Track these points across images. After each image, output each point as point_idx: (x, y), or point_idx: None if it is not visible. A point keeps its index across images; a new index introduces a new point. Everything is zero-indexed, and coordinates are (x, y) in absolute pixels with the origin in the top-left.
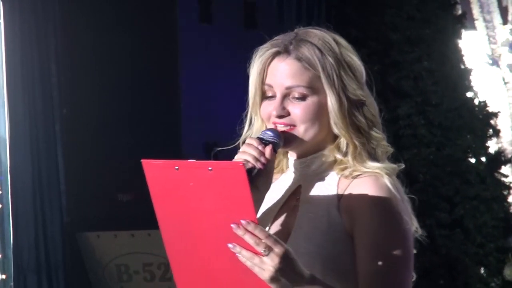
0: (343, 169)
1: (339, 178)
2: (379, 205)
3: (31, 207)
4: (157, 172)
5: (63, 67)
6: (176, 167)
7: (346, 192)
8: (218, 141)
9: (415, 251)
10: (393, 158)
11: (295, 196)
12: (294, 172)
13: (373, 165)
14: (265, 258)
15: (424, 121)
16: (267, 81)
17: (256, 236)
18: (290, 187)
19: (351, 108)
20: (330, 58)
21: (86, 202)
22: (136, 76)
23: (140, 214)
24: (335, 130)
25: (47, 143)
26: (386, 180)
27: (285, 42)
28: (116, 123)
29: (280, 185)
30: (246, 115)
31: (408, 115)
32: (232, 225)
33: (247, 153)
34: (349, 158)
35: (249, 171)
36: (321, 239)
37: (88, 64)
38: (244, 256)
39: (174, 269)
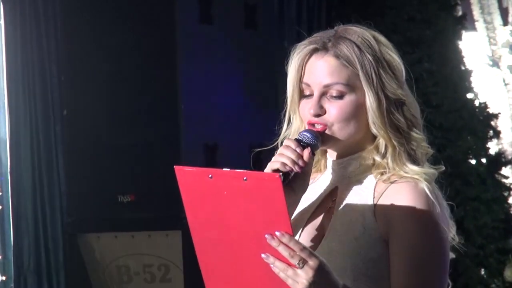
0: (381, 173)
1: (377, 182)
2: (416, 214)
3: (31, 208)
4: (190, 179)
5: (63, 68)
6: (210, 175)
7: (383, 197)
8: (218, 142)
9: (453, 256)
10: (433, 159)
11: (331, 197)
12: (332, 173)
13: (412, 169)
14: (299, 271)
15: (425, 123)
16: (305, 79)
17: (291, 248)
18: (326, 188)
19: (389, 107)
20: (369, 56)
21: (87, 203)
22: (136, 77)
23: (141, 216)
24: (373, 130)
25: (47, 144)
26: (425, 187)
27: (323, 39)
28: (116, 124)
29: (318, 185)
30: (284, 115)
31: None
32: (267, 236)
33: (285, 155)
34: (388, 160)
35: (287, 174)
36: (354, 243)
37: (89, 65)
38: (277, 267)
39: (205, 277)
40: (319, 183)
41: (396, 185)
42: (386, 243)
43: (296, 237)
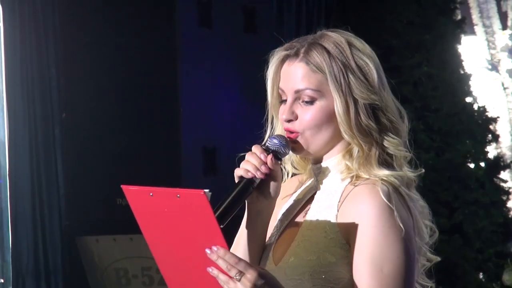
0: (351, 177)
1: (345, 186)
2: (371, 216)
3: (30, 211)
4: (136, 197)
5: (62, 71)
6: (151, 194)
7: (346, 201)
8: (217, 145)
9: (438, 258)
10: (414, 163)
11: (310, 202)
12: (313, 178)
13: (377, 172)
14: (238, 283)
15: (424, 126)
16: (280, 85)
17: (227, 262)
18: (308, 192)
19: (359, 111)
20: (338, 61)
21: (85, 206)
22: (135, 81)
23: None
24: (344, 135)
25: (46, 146)
26: (379, 189)
27: (298, 45)
28: (116, 127)
29: (304, 190)
30: (266, 119)
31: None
32: (206, 251)
33: (249, 162)
34: (355, 163)
35: (251, 181)
36: (315, 248)
37: (88, 68)
38: (221, 280)
39: (169, 285)
40: (305, 188)
41: (357, 188)
42: (349, 246)
43: (273, 242)
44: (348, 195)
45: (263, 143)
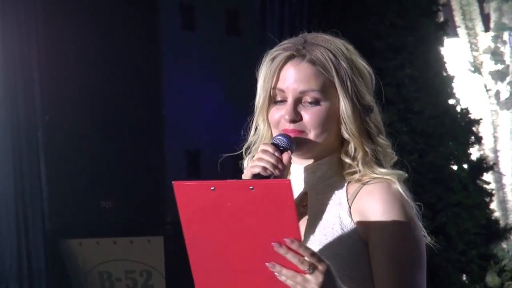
0: (352, 174)
1: (348, 184)
2: (393, 212)
3: (13, 214)
4: (190, 193)
5: (45, 74)
6: (213, 188)
7: (357, 198)
8: (200, 148)
9: None
10: (398, 166)
11: (301, 203)
12: (299, 179)
13: (382, 171)
14: (308, 276)
15: (407, 128)
16: (279, 85)
17: (300, 254)
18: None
19: (362, 113)
20: (343, 63)
21: (69, 209)
22: (118, 83)
23: (123, 221)
24: (346, 135)
25: (29, 149)
26: (398, 186)
27: (297, 45)
28: (99, 130)
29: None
30: (251, 121)
31: (390, 122)
32: (274, 244)
33: (265, 160)
34: (359, 163)
35: (267, 178)
36: (335, 246)
37: (71, 71)
38: (285, 275)
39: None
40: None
41: (369, 185)
42: (365, 243)
43: None
44: (358, 192)
45: (271, 142)
